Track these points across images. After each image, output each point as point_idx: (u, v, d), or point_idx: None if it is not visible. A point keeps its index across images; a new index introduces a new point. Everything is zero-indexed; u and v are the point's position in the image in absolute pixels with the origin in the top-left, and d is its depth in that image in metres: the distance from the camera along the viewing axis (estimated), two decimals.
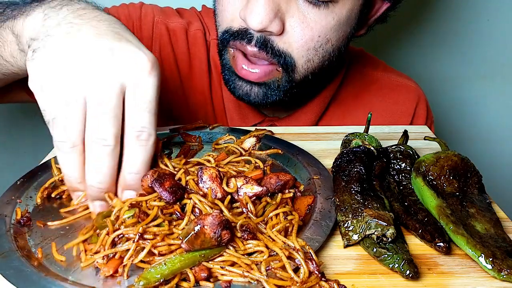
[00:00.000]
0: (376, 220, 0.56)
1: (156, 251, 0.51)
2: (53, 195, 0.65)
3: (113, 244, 0.53)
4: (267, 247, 0.53)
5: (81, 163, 0.56)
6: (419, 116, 1.10)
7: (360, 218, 0.57)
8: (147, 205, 0.57)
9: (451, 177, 0.65)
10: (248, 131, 0.82)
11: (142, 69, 0.54)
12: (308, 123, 1.05)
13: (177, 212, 0.56)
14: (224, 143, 0.80)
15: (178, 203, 0.57)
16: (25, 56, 0.61)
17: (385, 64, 1.17)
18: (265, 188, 0.61)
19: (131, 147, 0.55)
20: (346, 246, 0.57)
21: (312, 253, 0.52)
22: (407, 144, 0.73)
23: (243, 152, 0.77)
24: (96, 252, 0.53)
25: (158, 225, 0.54)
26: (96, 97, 0.53)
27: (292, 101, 1.01)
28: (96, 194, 0.57)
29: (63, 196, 0.65)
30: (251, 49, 0.83)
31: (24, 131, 1.50)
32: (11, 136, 1.53)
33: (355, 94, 1.10)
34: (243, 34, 0.83)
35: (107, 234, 0.54)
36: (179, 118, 1.07)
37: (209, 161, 0.70)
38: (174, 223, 0.55)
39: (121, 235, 0.53)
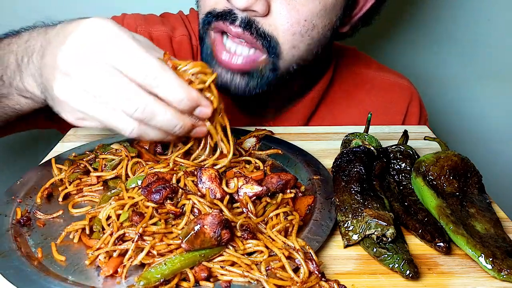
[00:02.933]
0: (376, 220, 0.56)
1: (155, 252, 0.51)
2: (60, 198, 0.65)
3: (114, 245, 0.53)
4: (267, 247, 0.53)
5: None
6: (412, 114, 1.09)
7: (360, 218, 0.57)
8: (141, 205, 0.58)
9: (451, 177, 0.65)
10: (248, 131, 0.82)
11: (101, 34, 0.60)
12: (298, 125, 1.04)
13: (172, 211, 0.56)
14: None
15: (169, 201, 0.57)
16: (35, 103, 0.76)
17: (378, 63, 1.16)
18: (265, 188, 0.61)
19: (160, 90, 0.60)
20: (346, 246, 0.57)
21: (312, 253, 0.52)
22: (407, 144, 0.73)
23: (243, 153, 0.77)
24: (98, 249, 0.53)
25: (154, 224, 0.55)
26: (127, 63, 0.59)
27: (279, 101, 1.00)
28: (183, 132, 0.63)
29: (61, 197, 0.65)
30: (235, 29, 0.80)
31: (24, 131, 1.49)
32: (11, 136, 1.53)
33: (346, 94, 1.08)
34: (226, 15, 0.81)
35: (110, 234, 0.54)
36: None
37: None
38: (173, 222, 0.56)
39: (122, 235, 0.54)
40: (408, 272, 0.51)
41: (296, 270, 0.51)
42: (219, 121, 0.69)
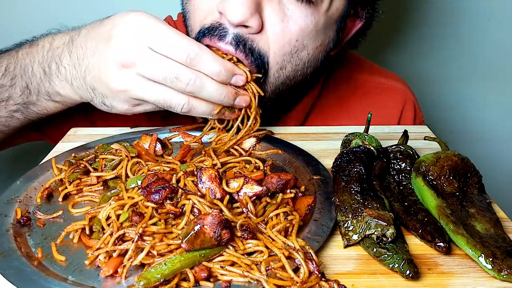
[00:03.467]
0: (376, 220, 0.56)
1: (155, 252, 0.51)
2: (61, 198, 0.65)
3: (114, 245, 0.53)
4: (267, 247, 0.53)
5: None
6: (406, 118, 1.08)
7: (360, 218, 0.57)
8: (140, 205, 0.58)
9: (451, 177, 0.65)
10: None
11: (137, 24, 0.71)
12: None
13: (172, 211, 0.56)
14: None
15: (168, 201, 0.57)
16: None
17: (372, 64, 1.14)
18: (265, 187, 0.61)
19: (199, 66, 0.70)
20: (346, 246, 0.57)
21: (312, 253, 0.52)
22: (407, 144, 0.73)
23: (243, 153, 0.77)
24: (98, 249, 0.53)
25: (154, 224, 0.55)
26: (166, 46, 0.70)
27: (270, 114, 0.97)
28: (229, 101, 0.74)
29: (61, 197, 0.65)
30: (226, 47, 0.76)
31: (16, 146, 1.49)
32: None
33: (338, 100, 1.07)
34: (215, 30, 0.77)
35: (110, 234, 0.54)
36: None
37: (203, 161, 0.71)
38: (173, 222, 0.56)
39: (122, 235, 0.54)
40: (408, 272, 0.51)
41: (296, 270, 0.51)
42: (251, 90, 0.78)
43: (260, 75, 0.78)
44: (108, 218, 0.57)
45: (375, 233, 0.55)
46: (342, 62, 1.11)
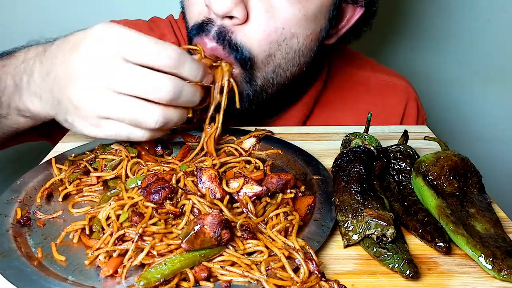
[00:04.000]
0: (376, 220, 0.56)
1: (155, 252, 0.51)
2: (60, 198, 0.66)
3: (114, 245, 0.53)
4: (267, 247, 0.53)
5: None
6: (409, 116, 1.09)
7: (360, 218, 0.57)
8: (140, 205, 0.58)
9: (451, 177, 0.65)
10: (248, 131, 0.82)
11: (114, 35, 0.65)
12: None
13: (171, 211, 0.56)
14: (224, 143, 0.80)
15: (168, 201, 0.57)
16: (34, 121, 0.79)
17: (374, 62, 1.15)
18: (265, 187, 0.61)
19: (180, 71, 0.66)
20: (346, 246, 0.57)
21: (312, 253, 0.52)
22: (407, 144, 0.73)
23: (243, 153, 0.77)
24: (98, 249, 0.53)
25: (154, 224, 0.55)
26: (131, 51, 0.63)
27: (273, 107, 0.99)
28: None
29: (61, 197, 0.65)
30: (210, 43, 0.77)
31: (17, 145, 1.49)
32: None
33: (341, 96, 1.07)
34: (204, 26, 0.78)
35: (110, 235, 0.54)
36: None
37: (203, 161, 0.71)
38: (173, 222, 0.56)
39: (122, 235, 0.54)
40: (408, 272, 0.51)
41: (296, 270, 0.51)
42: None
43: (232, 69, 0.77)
44: (108, 218, 0.57)
45: (375, 233, 0.55)
46: (345, 55, 1.11)
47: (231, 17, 0.76)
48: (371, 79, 1.10)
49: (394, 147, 0.71)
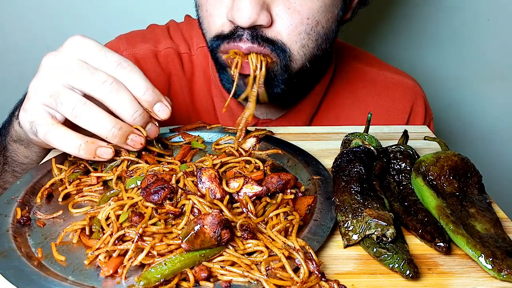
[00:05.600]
0: (376, 220, 0.56)
1: (155, 252, 0.51)
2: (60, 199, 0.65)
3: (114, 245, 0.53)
4: (267, 247, 0.53)
5: (106, 113, 0.65)
6: (417, 114, 1.09)
7: (360, 218, 0.57)
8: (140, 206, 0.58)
9: (451, 177, 0.65)
10: (248, 131, 0.82)
11: (72, 41, 0.66)
12: (302, 123, 1.04)
13: (171, 211, 0.56)
14: (224, 144, 0.80)
15: (168, 201, 0.57)
16: (31, 146, 0.81)
17: (381, 61, 1.16)
18: (265, 187, 0.61)
19: (125, 78, 0.65)
20: (346, 246, 0.57)
21: (312, 253, 0.52)
22: (407, 144, 0.73)
23: (243, 153, 0.77)
24: (98, 249, 0.53)
25: (154, 224, 0.55)
26: (71, 75, 0.64)
27: (284, 101, 1.01)
28: (141, 121, 0.67)
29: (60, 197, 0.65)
30: (245, 45, 0.82)
31: None
32: None
33: (349, 92, 1.08)
34: (234, 34, 0.83)
35: (110, 235, 0.54)
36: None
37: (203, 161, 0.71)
38: (173, 222, 0.56)
39: (122, 235, 0.54)
40: (408, 272, 0.51)
41: (296, 270, 0.51)
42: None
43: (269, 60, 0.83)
44: (107, 218, 0.57)
45: (375, 233, 0.55)
46: (353, 51, 1.13)
47: (257, 25, 0.80)
48: (379, 76, 1.11)
49: (394, 147, 0.71)
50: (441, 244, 0.56)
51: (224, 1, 0.82)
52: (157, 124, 0.71)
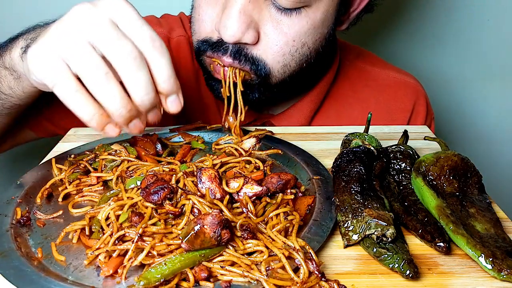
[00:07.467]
0: (376, 220, 0.56)
1: (155, 252, 0.51)
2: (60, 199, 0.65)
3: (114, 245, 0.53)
4: (267, 247, 0.53)
5: (122, 90, 0.60)
6: (419, 113, 1.09)
7: (360, 218, 0.57)
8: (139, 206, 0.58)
9: (451, 177, 0.65)
10: (248, 131, 0.82)
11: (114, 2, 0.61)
12: (303, 120, 1.04)
13: (171, 211, 0.56)
14: (224, 144, 0.80)
15: (168, 201, 0.57)
16: (22, 81, 0.78)
17: (384, 61, 1.16)
18: (265, 188, 0.61)
19: (153, 58, 0.61)
20: (346, 246, 0.57)
21: (312, 253, 0.52)
22: (407, 144, 0.73)
23: (243, 153, 0.77)
24: (98, 249, 0.53)
25: (153, 224, 0.55)
26: (98, 33, 0.59)
27: (284, 98, 1.01)
28: (148, 107, 0.62)
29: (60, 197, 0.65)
30: (227, 60, 0.82)
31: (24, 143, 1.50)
32: None
33: (351, 90, 1.09)
34: (219, 45, 0.83)
35: (110, 235, 0.54)
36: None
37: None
38: (173, 222, 0.56)
39: (122, 236, 0.54)
40: (408, 272, 0.51)
41: (296, 270, 0.51)
42: None
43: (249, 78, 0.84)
44: (107, 218, 0.57)
45: (375, 233, 0.55)
46: (357, 51, 1.14)
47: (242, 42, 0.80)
48: (382, 75, 1.11)
49: (394, 147, 0.71)
50: (441, 244, 0.56)
51: (216, 11, 0.82)
52: (161, 111, 0.67)
